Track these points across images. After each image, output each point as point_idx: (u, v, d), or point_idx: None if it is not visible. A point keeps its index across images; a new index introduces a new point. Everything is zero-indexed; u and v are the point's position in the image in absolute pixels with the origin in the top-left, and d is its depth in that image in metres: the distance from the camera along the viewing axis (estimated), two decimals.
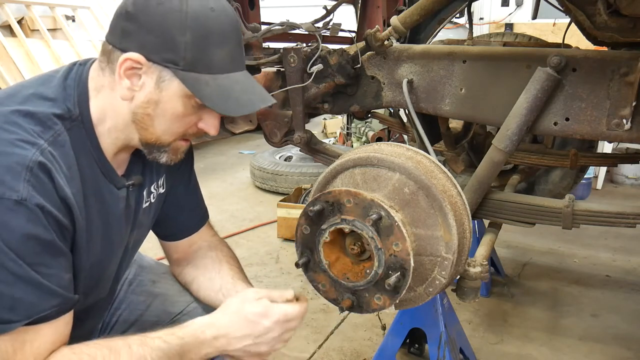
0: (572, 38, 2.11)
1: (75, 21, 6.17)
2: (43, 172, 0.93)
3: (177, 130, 1.10)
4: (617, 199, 4.73)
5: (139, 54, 1.00)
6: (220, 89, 1.04)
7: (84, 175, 1.05)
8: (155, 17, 0.99)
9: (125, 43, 1.02)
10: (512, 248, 3.60)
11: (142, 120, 1.06)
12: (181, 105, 1.05)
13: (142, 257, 1.56)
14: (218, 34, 1.03)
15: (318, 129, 7.32)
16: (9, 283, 0.90)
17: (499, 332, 2.56)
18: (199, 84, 1.02)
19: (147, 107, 1.05)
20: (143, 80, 1.03)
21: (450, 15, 2.23)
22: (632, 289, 3.00)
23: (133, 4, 1.02)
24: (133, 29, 1.01)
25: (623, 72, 1.39)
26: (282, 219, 3.68)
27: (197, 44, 1.01)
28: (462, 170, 2.45)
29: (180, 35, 0.99)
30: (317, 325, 2.63)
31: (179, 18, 0.99)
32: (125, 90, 1.04)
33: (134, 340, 1.05)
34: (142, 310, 1.44)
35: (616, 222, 1.61)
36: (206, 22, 1.01)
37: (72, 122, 1.03)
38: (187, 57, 1.00)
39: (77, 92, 1.06)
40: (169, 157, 1.13)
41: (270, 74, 1.94)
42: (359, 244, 1.26)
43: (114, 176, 1.13)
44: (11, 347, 0.94)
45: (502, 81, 1.56)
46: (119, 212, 1.16)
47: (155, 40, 1.00)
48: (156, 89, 1.03)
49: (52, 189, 0.94)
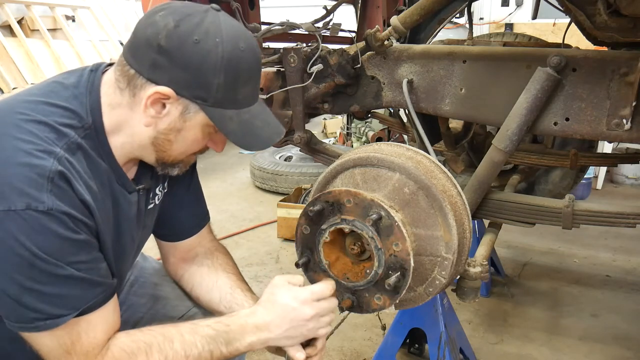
0: (572, 38, 2.11)
1: (75, 21, 6.17)
2: (63, 180, 0.96)
3: (192, 150, 1.16)
4: (617, 199, 4.73)
5: (169, 89, 1.03)
6: (242, 124, 1.10)
7: (99, 181, 1.07)
8: (191, 56, 1.02)
9: (154, 75, 1.03)
10: (512, 248, 3.60)
11: (162, 144, 1.11)
12: (200, 133, 1.11)
13: (146, 258, 1.56)
14: (246, 72, 1.09)
15: (318, 129, 7.32)
16: (54, 284, 0.96)
17: (499, 332, 2.56)
18: (224, 120, 1.07)
19: (169, 134, 1.09)
20: (168, 109, 1.06)
21: (450, 15, 2.23)
22: (632, 289, 3.00)
23: (167, 38, 1.01)
24: (165, 64, 1.02)
25: (623, 72, 1.39)
26: (282, 219, 3.68)
27: (228, 84, 1.05)
28: (462, 170, 2.45)
29: (213, 76, 1.03)
30: None
31: (214, 60, 1.02)
32: (150, 118, 1.06)
33: (185, 328, 1.11)
34: (143, 313, 1.44)
35: (616, 222, 1.61)
36: (238, 63, 1.06)
37: (85, 130, 1.05)
38: (217, 96, 1.05)
39: (89, 101, 1.07)
40: (180, 170, 1.21)
41: (270, 74, 1.94)
42: (359, 244, 1.26)
43: (126, 181, 1.15)
44: (69, 340, 1.01)
45: (502, 81, 1.56)
46: (132, 216, 1.19)
47: (188, 77, 1.03)
48: (180, 119, 1.07)
49: (74, 195, 0.98)
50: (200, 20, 1.04)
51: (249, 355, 2.35)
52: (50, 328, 0.98)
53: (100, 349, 1.04)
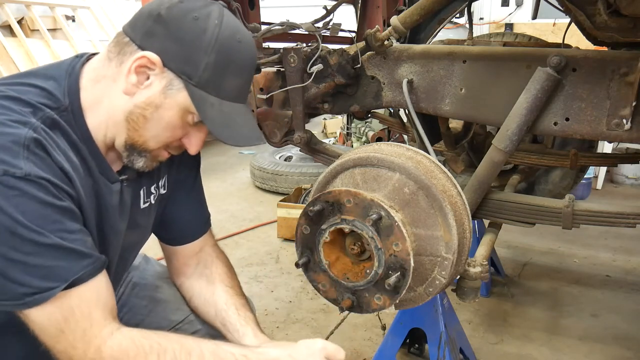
0: (572, 38, 2.11)
1: (75, 21, 6.17)
2: (39, 148, 0.93)
3: (164, 139, 1.11)
4: (617, 199, 4.73)
5: (157, 57, 1.02)
6: (222, 114, 1.07)
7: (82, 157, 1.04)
8: (187, 29, 1.02)
9: (146, 42, 1.03)
10: (512, 248, 3.60)
11: (137, 120, 1.06)
12: (178, 117, 1.07)
13: (148, 260, 1.56)
14: (238, 64, 1.08)
15: (318, 129, 7.32)
16: (38, 253, 0.92)
17: (499, 332, 2.56)
18: (204, 104, 1.04)
19: (146, 109, 1.06)
20: (151, 81, 1.04)
21: (450, 15, 2.23)
22: (632, 289, 3.00)
23: (168, 9, 1.03)
24: (160, 32, 1.02)
25: (623, 72, 1.39)
26: (282, 219, 3.68)
27: (217, 68, 1.04)
28: (462, 170, 2.45)
29: (204, 54, 1.03)
30: (317, 325, 2.63)
31: (209, 39, 1.02)
32: (130, 86, 1.04)
33: (206, 346, 1.06)
34: (143, 315, 1.43)
35: (616, 222, 1.61)
36: (231, 50, 1.06)
37: (61, 112, 1.02)
38: (203, 76, 1.03)
39: (67, 82, 1.05)
40: (145, 164, 1.13)
41: (270, 74, 1.94)
42: (359, 244, 1.26)
43: (106, 168, 1.11)
44: (60, 316, 0.96)
45: (502, 81, 1.56)
46: (114, 205, 1.14)
47: (179, 50, 1.02)
48: (161, 94, 1.05)
49: (52, 163, 0.95)
50: (205, 4, 1.06)
51: None
52: (39, 303, 0.94)
53: (99, 329, 0.99)
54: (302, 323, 2.65)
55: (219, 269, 1.42)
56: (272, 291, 3.00)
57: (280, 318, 2.70)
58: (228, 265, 1.46)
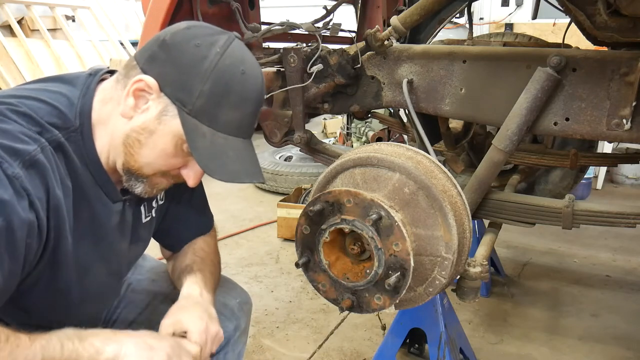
0: (572, 38, 2.11)
1: (75, 21, 6.18)
2: (38, 169, 0.93)
3: (160, 167, 1.08)
4: (617, 199, 4.73)
5: (154, 80, 1.01)
6: (213, 146, 1.03)
7: (79, 184, 1.04)
8: (187, 56, 1.01)
9: (148, 66, 1.03)
10: (512, 248, 3.60)
11: (132, 144, 1.05)
12: (172, 145, 1.05)
13: (144, 257, 1.56)
14: (237, 96, 1.04)
15: (318, 129, 7.32)
16: None
17: (499, 332, 2.56)
18: (195, 133, 1.01)
19: (141, 133, 1.04)
20: (149, 105, 1.03)
21: (450, 15, 2.23)
22: (632, 289, 3.00)
23: (172, 35, 1.03)
24: (161, 57, 1.02)
25: (623, 72, 1.39)
26: (282, 219, 3.68)
27: (212, 97, 1.02)
28: (462, 170, 2.45)
29: (200, 82, 1.01)
30: (317, 325, 2.63)
31: (206, 67, 1.01)
32: (128, 109, 1.03)
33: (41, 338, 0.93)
34: (141, 309, 1.45)
35: (616, 222, 1.61)
36: (230, 81, 1.03)
37: (70, 132, 1.02)
38: (197, 104, 1.01)
39: (80, 103, 1.05)
40: (144, 190, 1.11)
41: (270, 74, 1.94)
42: (359, 244, 1.26)
43: (111, 189, 1.11)
44: None
45: (502, 81, 1.56)
46: (112, 226, 1.14)
47: (175, 75, 1.01)
48: (156, 119, 1.03)
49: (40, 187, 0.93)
50: (212, 33, 1.05)
51: (249, 355, 2.35)
52: None
53: None
54: (302, 323, 2.65)
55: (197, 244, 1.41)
56: (272, 291, 3.00)
57: (280, 318, 2.70)
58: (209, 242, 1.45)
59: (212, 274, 1.34)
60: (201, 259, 1.37)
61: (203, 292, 1.24)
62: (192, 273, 1.29)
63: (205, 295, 1.23)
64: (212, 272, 1.35)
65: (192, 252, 1.39)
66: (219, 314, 1.36)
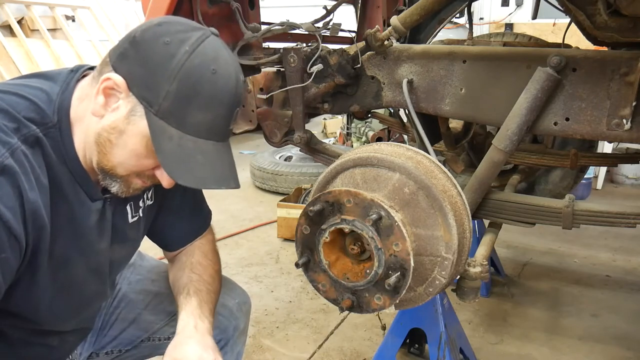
0: (572, 38, 2.10)
1: (75, 21, 6.17)
2: (7, 176, 0.90)
3: (132, 167, 1.05)
4: (617, 199, 4.73)
5: (122, 79, 0.98)
6: (179, 149, 0.99)
7: (56, 181, 1.02)
8: (154, 54, 0.98)
9: (118, 64, 1.00)
10: (512, 248, 3.60)
11: (104, 143, 1.02)
12: (142, 147, 1.01)
13: (143, 257, 1.57)
14: (206, 97, 1.00)
15: (318, 129, 7.32)
16: None
17: (499, 332, 2.56)
18: (161, 135, 0.98)
19: (112, 133, 1.01)
20: (119, 104, 1.00)
21: (450, 15, 2.23)
22: (632, 289, 3.00)
23: (142, 32, 1.00)
24: (130, 55, 0.99)
25: (623, 72, 1.39)
26: (282, 219, 3.68)
27: (179, 99, 0.98)
28: (462, 170, 2.45)
29: (166, 82, 0.97)
30: (317, 325, 2.63)
31: (174, 66, 0.97)
32: (98, 107, 1.01)
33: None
34: (141, 309, 1.45)
35: (616, 222, 1.61)
36: (199, 81, 0.98)
37: (48, 128, 1.00)
38: (163, 105, 0.98)
39: (59, 99, 1.03)
40: (120, 189, 1.08)
41: (270, 74, 1.94)
42: (359, 244, 1.26)
43: (90, 187, 1.09)
44: None
45: (502, 81, 1.56)
46: (90, 224, 1.11)
47: (142, 74, 0.98)
48: (125, 119, 1.00)
49: (11, 194, 0.90)
50: (185, 30, 1.01)
51: (248, 355, 2.35)
52: None
53: None
54: (302, 323, 2.65)
55: (195, 257, 1.39)
56: (272, 291, 3.00)
57: (280, 318, 2.70)
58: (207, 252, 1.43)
59: (210, 293, 1.31)
60: (198, 277, 1.34)
61: (198, 322, 1.21)
62: (188, 298, 1.27)
63: (200, 326, 1.20)
64: (210, 290, 1.32)
65: (190, 268, 1.36)
66: (218, 314, 1.36)
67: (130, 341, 1.45)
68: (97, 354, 1.44)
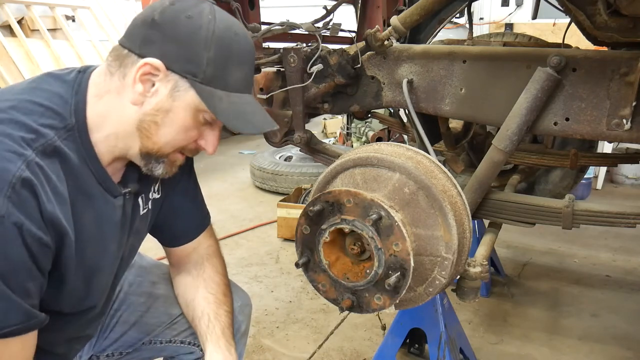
0: (572, 38, 2.10)
1: (75, 21, 6.17)
2: (26, 188, 0.90)
3: (179, 142, 1.10)
4: (617, 199, 4.73)
5: (159, 61, 1.02)
6: (233, 106, 1.07)
7: (78, 185, 1.03)
8: (183, 29, 1.02)
9: (145, 49, 1.03)
10: (512, 248, 3.60)
11: (148, 127, 1.06)
12: (191, 118, 1.07)
13: (143, 258, 1.56)
14: (238, 55, 1.08)
15: (318, 129, 7.33)
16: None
17: (499, 332, 2.56)
18: (213, 99, 1.04)
19: (157, 115, 1.05)
20: (157, 87, 1.03)
21: (450, 15, 2.23)
22: (632, 289, 3.00)
23: (161, 13, 1.03)
24: (157, 37, 1.02)
25: (623, 72, 1.39)
26: (282, 219, 3.68)
27: (219, 61, 1.04)
28: (462, 170, 2.45)
29: (204, 50, 1.02)
30: (317, 325, 2.63)
31: (205, 34, 1.03)
32: (137, 95, 1.04)
33: None
34: (142, 312, 1.44)
35: (616, 222, 1.61)
36: (230, 43, 1.06)
37: (67, 131, 1.01)
38: (207, 71, 1.03)
39: (74, 101, 1.04)
40: (165, 169, 1.13)
41: (270, 74, 1.94)
42: (359, 244, 1.26)
43: (110, 185, 1.11)
44: None
45: (502, 81, 1.56)
46: (116, 221, 1.14)
47: (179, 50, 1.02)
48: (169, 98, 1.04)
49: (35, 206, 0.91)
50: (195, 3, 1.07)
51: (249, 355, 2.35)
52: None
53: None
54: (302, 323, 2.65)
55: (207, 272, 1.41)
56: (272, 291, 3.00)
57: (280, 318, 2.70)
58: (219, 266, 1.45)
59: (228, 314, 1.36)
60: (214, 297, 1.37)
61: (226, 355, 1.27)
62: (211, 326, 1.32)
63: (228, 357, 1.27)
64: (228, 311, 1.36)
65: (204, 287, 1.38)
66: None
67: (131, 344, 1.44)
68: (98, 356, 1.44)
